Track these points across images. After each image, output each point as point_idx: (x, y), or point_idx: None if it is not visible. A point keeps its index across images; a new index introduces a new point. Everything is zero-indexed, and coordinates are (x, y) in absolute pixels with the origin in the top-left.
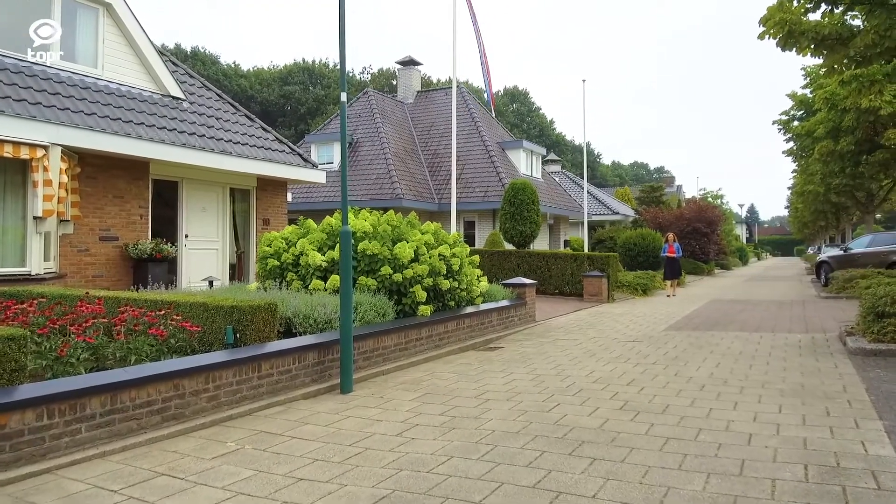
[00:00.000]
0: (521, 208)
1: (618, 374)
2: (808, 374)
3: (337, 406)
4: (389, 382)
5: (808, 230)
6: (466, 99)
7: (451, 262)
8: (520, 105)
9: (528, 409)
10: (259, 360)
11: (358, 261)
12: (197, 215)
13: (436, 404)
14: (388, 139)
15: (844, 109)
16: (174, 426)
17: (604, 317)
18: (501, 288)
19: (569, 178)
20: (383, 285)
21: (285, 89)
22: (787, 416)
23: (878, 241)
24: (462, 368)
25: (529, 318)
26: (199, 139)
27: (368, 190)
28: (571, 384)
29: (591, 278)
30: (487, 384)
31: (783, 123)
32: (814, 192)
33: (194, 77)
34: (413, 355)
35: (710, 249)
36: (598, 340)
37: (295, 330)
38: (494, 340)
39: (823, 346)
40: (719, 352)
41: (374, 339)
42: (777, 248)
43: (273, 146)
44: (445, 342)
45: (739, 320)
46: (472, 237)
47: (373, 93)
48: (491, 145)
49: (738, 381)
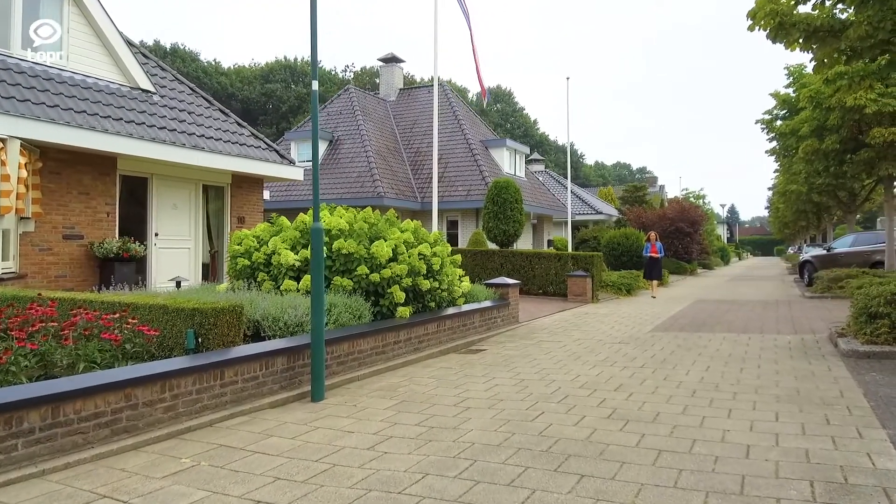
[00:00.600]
0: (504, 207)
1: (605, 379)
2: (803, 378)
3: (306, 416)
4: (364, 389)
5: (789, 230)
6: (449, 97)
7: (431, 261)
8: (504, 105)
9: (511, 417)
10: (222, 367)
11: (333, 260)
12: (168, 213)
13: (412, 413)
14: (369, 137)
15: (829, 108)
16: (125, 440)
17: (588, 317)
18: (484, 288)
19: (552, 178)
20: (360, 286)
21: (267, 87)
22: (786, 425)
23: (861, 240)
24: (442, 373)
25: (513, 319)
26: (170, 133)
27: (349, 188)
28: (556, 390)
29: (575, 278)
30: (468, 390)
31: (766, 123)
32: (796, 191)
33: (166, 70)
34: (391, 359)
35: (693, 249)
36: (584, 342)
37: (264, 333)
38: (477, 342)
39: (814, 348)
40: (708, 354)
41: (348, 343)
42: (757, 248)
43: (248, 142)
44: (425, 345)
45: (726, 321)
46: (455, 237)
47: (354, 90)
48: (474, 144)
49: (730, 386)
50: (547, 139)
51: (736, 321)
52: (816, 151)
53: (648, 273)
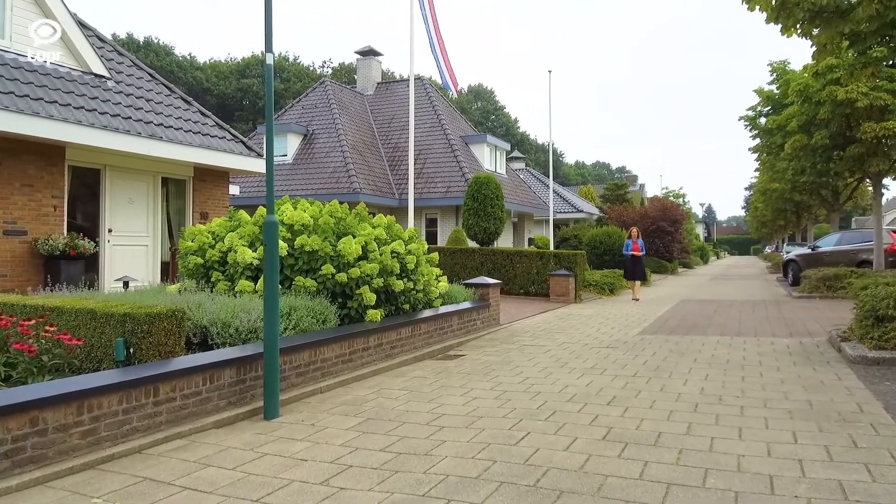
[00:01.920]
0: (484, 204)
1: (595, 390)
2: (813, 389)
3: (255, 438)
4: (327, 403)
5: (767, 229)
6: (429, 92)
7: (405, 259)
8: (485, 103)
9: (492, 439)
10: (156, 381)
11: (296, 258)
12: (123, 208)
13: (379, 434)
14: (345, 131)
15: (819, 102)
16: (30, 473)
17: (572, 319)
18: (463, 289)
19: (533, 176)
20: (325, 287)
21: (243, 82)
22: (808, 448)
23: (847, 239)
24: (415, 383)
25: (493, 321)
26: (125, 122)
27: (324, 184)
28: (542, 404)
29: (557, 277)
30: (444, 404)
31: (750, 120)
32: (779, 189)
33: (124, 55)
34: (359, 367)
35: (674, 248)
36: (569, 347)
37: (212, 341)
38: (455, 347)
39: (816, 354)
40: (704, 360)
41: (309, 351)
42: (734, 248)
43: (212, 132)
44: (398, 351)
45: (717, 323)
46: (434, 234)
47: (330, 83)
48: (454, 139)
49: (735, 399)
50: (528, 138)
51: (727, 323)
52: (805, 147)
53: (631, 273)
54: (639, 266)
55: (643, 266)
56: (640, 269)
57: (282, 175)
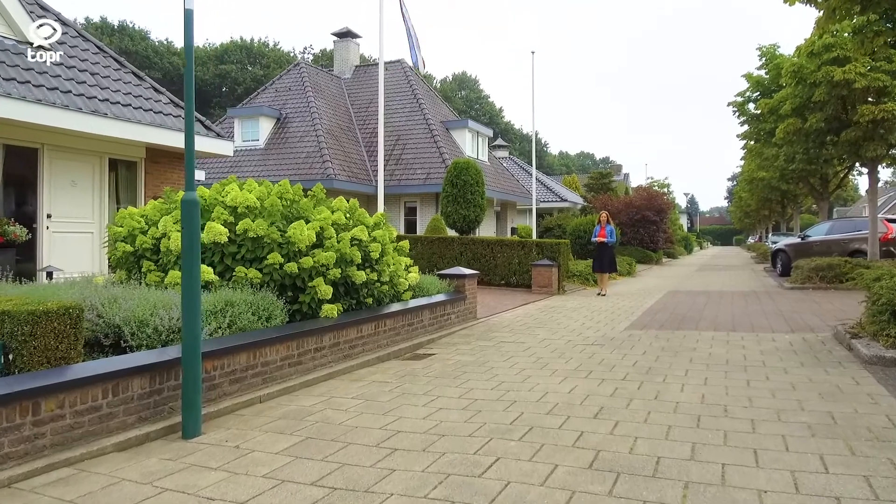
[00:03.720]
0: (464, 190)
1: (579, 399)
2: (830, 397)
3: (160, 466)
4: (263, 416)
5: (750, 220)
6: (409, 75)
7: (369, 248)
8: (469, 92)
9: (452, 468)
10: (38, 396)
11: (239, 246)
12: (64, 191)
13: (315, 460)
14: (320, 115)
15: (815, 83)
16: None
17: (555, 312)
18: (437, 280)
19: (517, 165)
20: (272, 279)
21: (221, 68)
22: (844, 481)
23: (838, 228)
24: (373, 390)
25: (469, 314)
26: (65, 96)
27: (297, 169)
28: (518, 417)
29: (540, 268)
30: (401, 417)
31: (738, 106)
32: (766, 178)
33: (69, 25)
34: (310, 371)
35: (659, 238)
36: (551, 344)
37: (126, 343)
38: (425, 345)
39: (823, 352)
40: (701, 360)
41: (247, 353)
42: (717, 238)
43: (166, 110)
44: (359, 351)
45: (708, 316)
46: (414, 223)
47: (305, 65)
48: (434, 125)
49: (742, 410)
50: (512, 128)
51: (720, 316)
52: (798, 131)
53: (598, 263)
54: (606, 255)
55: (612, 256)
56: (609, 258)
57: (254, 160)
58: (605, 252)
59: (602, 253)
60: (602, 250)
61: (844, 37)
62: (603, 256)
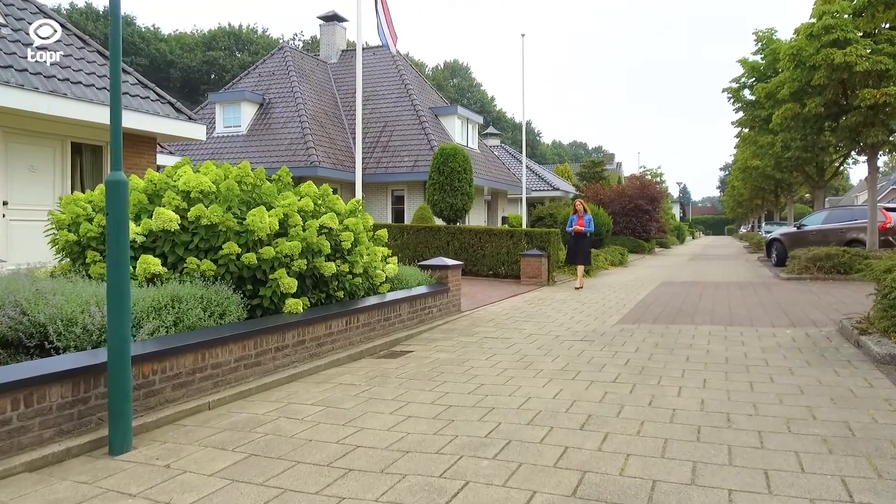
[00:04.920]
0: (451, 177)
1: (564, 405)
2: (844, 403)
3: (71, 491)
4: (207, 427)
5: (743, 209)
6: (396, 60)
7: (340, 237)
8: (461, 80)
9: (412, 496)
10: None
11: (192, 234)
12: (23, 176)
13: (254, 484)
14: (304, 100)
15: (814, 66)
16: None
17: (544, 304)
18: (418, 271)
19: (508, 153)
20: (228, 270)
21: (209, 55)
22: None
23: (835, 217)
24: (337, 394)
25: (453, 308)
26: (19, 75)
27: (280, 156)
28: (495, 428)
29: (529, 258)
30: (363, 429)
31: (733, 92)
32: (760, 167)
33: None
34: (271, 372)
35: (652, 227)
36: (537, 339)
37: (51, 344)
38: (403, 341)
39: (830, 349)
40: (698, 359)
41: (194, 354)
42: (709, 228)
43: (133, 91)
44: (328, 349)
45: (704, 309)
46: (402, 212)
47: (289, 49)
48: (423, 111)
49: (747, 420)
50: (504, 116)
51: (717, 309)
52: (796, 117)
53: (572, 255)
54: (582, 247)
55: (588, 247)
56: (584, 250)
57: (235, 147)
58: (582, 243)
59: (577, 244)
60: (578, 241)
61: (845, 18)
62: (577, 248)
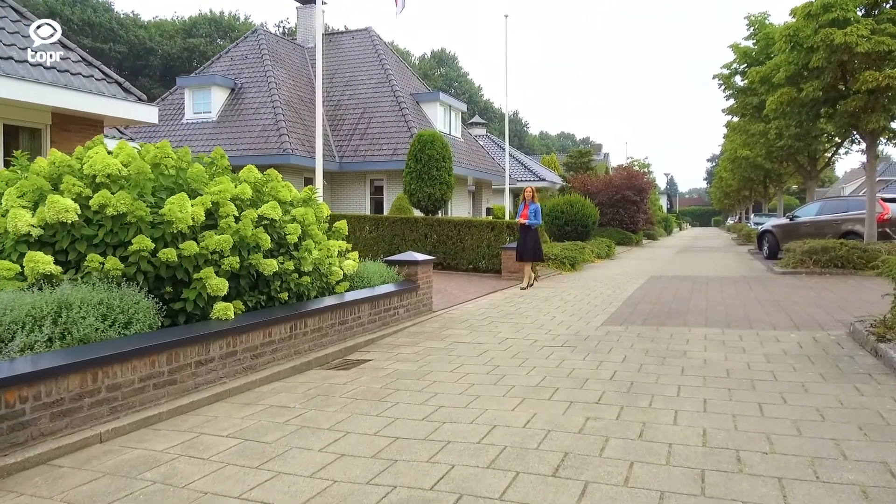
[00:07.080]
0: (429, 166)
1: (536, 438)
2: (876, 433)
3: None
4: (84, 471)
5: (730, 200)
6: (376, 44)
7: (284, 230)
8: (448, 69)
9: None
10: None
11: (98, 227)
12: None
13: None
14: (278, 85)
15: (812, 48)
16: None
17: (524, 302)
18: (383, 267)
19: (494, 143)
20: (139, 269)
21: (189, 42)
22: None
23: (829, 208)
24: (262, 422)
25: (423, 307)
26: None
27: (252, 143)
28: (445, 475)
29: (511, 252)
30: (279, 474)
31: (724, 79)
32: (752, 156)
33: None
34: (191, 391)
35: (639, 219)
36: (513, 346)
37: None
38: (362, 347)
39: (843, 358)
40: (695, 370)
41: (82, 375)
42: (696, 219)
43: (75, 69)
44: (268, 360)
45: (697, 308)
46: (381, 202)
47: (263, 32)
48: (403, 97)
49: (761, 460)
50: (491, 106)
51: (711, 308)
52: (792, 102)
53: (520, 251)
54: (529, 241)
55: (537, 241)
56: (532, 245)
57: (205, 134)
58: (528, 236)
59: (524, 238)
60: (524, 234)
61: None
62: (525, 242)
